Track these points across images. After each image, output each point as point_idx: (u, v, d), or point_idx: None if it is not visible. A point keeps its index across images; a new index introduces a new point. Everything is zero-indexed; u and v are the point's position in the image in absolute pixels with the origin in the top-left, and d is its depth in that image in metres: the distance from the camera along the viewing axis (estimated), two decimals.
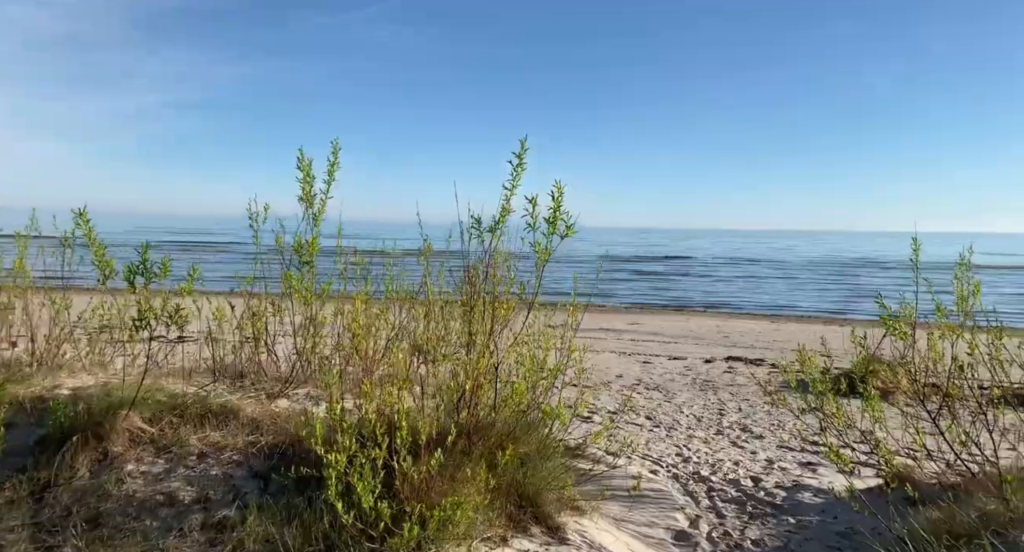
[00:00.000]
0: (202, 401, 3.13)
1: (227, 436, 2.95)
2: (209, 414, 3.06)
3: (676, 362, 10.21)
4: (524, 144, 3.26)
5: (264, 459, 2.84)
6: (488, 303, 2.96)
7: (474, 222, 3.17)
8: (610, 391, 7.91)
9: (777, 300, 25.13)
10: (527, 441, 2.90)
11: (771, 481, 4.42)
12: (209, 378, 3.84)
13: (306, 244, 3.57)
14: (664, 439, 5.71)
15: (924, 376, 3.49)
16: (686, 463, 4.93)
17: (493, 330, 2.85)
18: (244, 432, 3.01)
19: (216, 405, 3.14)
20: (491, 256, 3.17)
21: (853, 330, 3.91)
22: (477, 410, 2.74)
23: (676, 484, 4.37)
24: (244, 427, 3.05)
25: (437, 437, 2.51)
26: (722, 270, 41.37)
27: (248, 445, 2.89)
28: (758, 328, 15.41)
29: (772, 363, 10.10)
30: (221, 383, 3.76)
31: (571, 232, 3.23)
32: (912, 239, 3.44)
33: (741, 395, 7.74)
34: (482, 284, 3.01)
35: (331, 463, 2.09)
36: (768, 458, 5.10)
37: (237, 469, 2.75)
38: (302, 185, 3.86)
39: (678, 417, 6.58)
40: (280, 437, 3.01)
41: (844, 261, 52.25)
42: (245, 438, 2.94)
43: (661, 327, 14.91)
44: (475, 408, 2.73)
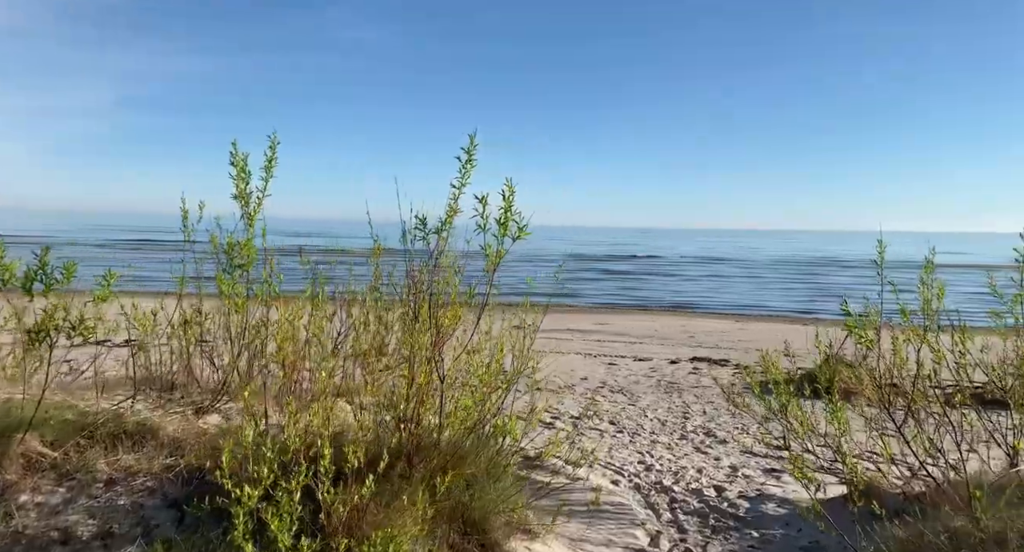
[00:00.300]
0: (116, 419, 2.83)
1: (142, 459, 2.66)
2: (123, 434, 2.77)
3: (642, 363, 10.12)
4: (473, 140, 3.04)
5: (182, 485, 2.56)
6: (432, 310, 2.73)
7: (418, 222, 2.93)
8: (574, 394, 7.75)
9: (743, 299, 25.41)
10: (475, 460, 2.68)
11: (735, 490, 4.29)
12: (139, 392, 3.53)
13: (237, 245, 3.29)
14: (627, 445, 5.56)
15: (889, 380, 3.38)
16: (648, 471, 4.78)
17: (438, 340, 2.62)
18: (162, 454, 2.72)
19: (133, 423, 2.85)
20: (437, 259, 2.93)
21: (817, 334, 3.78)
22: (418, 429, 2.51)
23: (638, 495, 4.21)
24: (163, 448, 2.76)
25: (372, 461, 2.27)
26: (690, 269, 41.79)
27: (165, 469, 2.61)
28: (723, 327, 15.47)
29: (737, 363, 10.08)
30: (147, 397, 3.45)
31: (524, 234, 3.02)
32: (877, 241, 3.32)
33: (706, 397, 7.66)
34: (426, 290, 2.77)
35: (240, 498, 1.84)
36: (732, 464, 4.98)
37: (149, 498, 2.47)
38: (236, 182, 3.57)
39: (642, 421, 6.44)
40: (204, 459, 2.73)
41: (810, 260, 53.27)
42: (162, 461, 2.66)
43: (628, 327, 14.85)
44: (416, 427, 2.50)
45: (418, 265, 2.92)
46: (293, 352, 2.62)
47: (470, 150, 3.02)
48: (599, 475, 4.65)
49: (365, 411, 2.64)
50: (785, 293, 28.05)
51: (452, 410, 2.56)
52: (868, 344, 2.93)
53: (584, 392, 7.88)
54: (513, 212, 2.99)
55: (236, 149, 3.55)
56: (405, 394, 2.46)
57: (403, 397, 2.48)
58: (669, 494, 4.24)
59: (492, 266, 3.00)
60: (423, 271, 2.92)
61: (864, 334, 2.89)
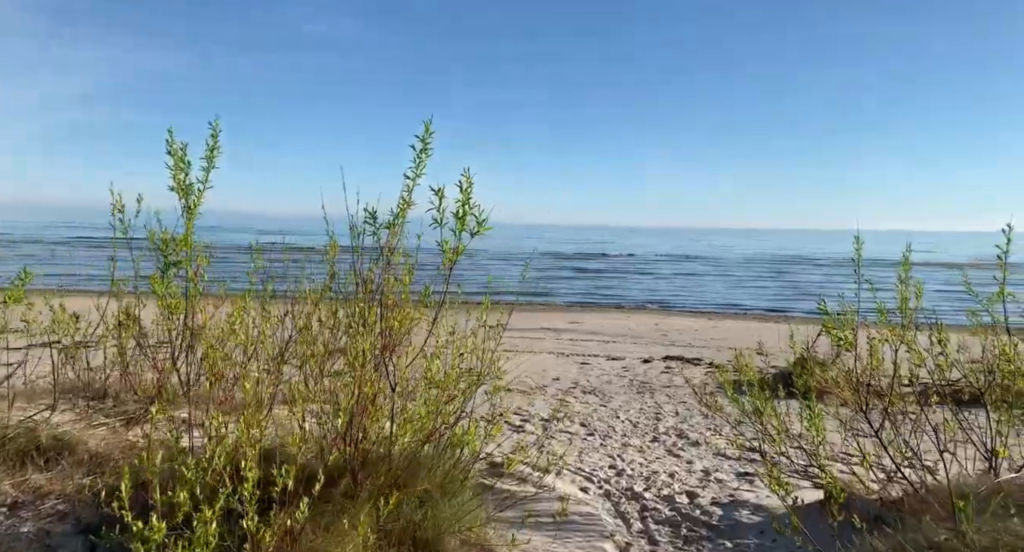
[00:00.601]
0: (29, 433, 2.55)
1: (55, 479, 2.38)
2: (36, 451, 2.48)
3: (614, 363, 9.98)
4: (429, 127, 2.81)
5: (99, 508, 2.29)
6: (382, 312, 2.50)
7: (368, 216, 2.70)
8: (546, 396, 7.56)
9: (716, 298, 25.54)
10: (430, 475, 2.47)
11: (707, 497, 4.14)
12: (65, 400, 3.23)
13: (172, 241, 3.01)
14: (598, 449, 5.39)
15: (866, 381, 3.24)
16: (619, 477, 4.60)
17: (388, 344, 2.39)
18: (80, 472, 2.45)
19: (48, 437, 2.56)
20: (389, 256, 2.70)
21: (792, 335, 3.63)
22: (365, 443, 2.28)
23: (607, 504, 4.03)
24: (81, 466, 2.49)
25: (310, 480, 2.03)
26: (664, 267, 42.00)
27: (79, 490, 2.34)
28: (696, 326, 15.46)
29: (710, 362, 10.00)
30: (74, 406, 3.15)
31: (483, 229, 2.80)
32: (854, 237, 3.18)
33: (678, 397, 7.53)
34: (375, 290, 2.54)
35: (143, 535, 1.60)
36: (704, 468, 4.83)
37: (59, 523, 2.20)
38: (173, 173, 3.29)
39: (614, 423, 6.28)
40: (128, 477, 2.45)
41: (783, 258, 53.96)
42: (78, 481, 2.39)
43: (601, 326, 14.74)
44: (362, 441, 2.27)
45: (367, 263, 2.69)
46: (223, 358, 2.37)
47: (425, 138, 2.80)
48: (568, 482, 4.46)
49: (308, 422, 2.40)
50: (758, 291, 28.31)
51: (403, 421, 2.34)
52: (847, 346, 2.79)
53: (556, 393, 7.70)
54: (472, 205, 2.77)
55: (172, 137, 3.27)
56: (348, 405, 2.23)
57: (347, 408, 2.25)
58: (640, 501, 4.06)
59: (449, 263, 2.78)
60: (372, 269, 2.69)
61: (843, 336, 2.74)
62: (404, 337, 2.53)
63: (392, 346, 2.40)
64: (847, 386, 3.37)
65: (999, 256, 2.74)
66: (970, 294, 3.54)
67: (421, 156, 2.80)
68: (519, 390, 7.86)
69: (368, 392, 2.22)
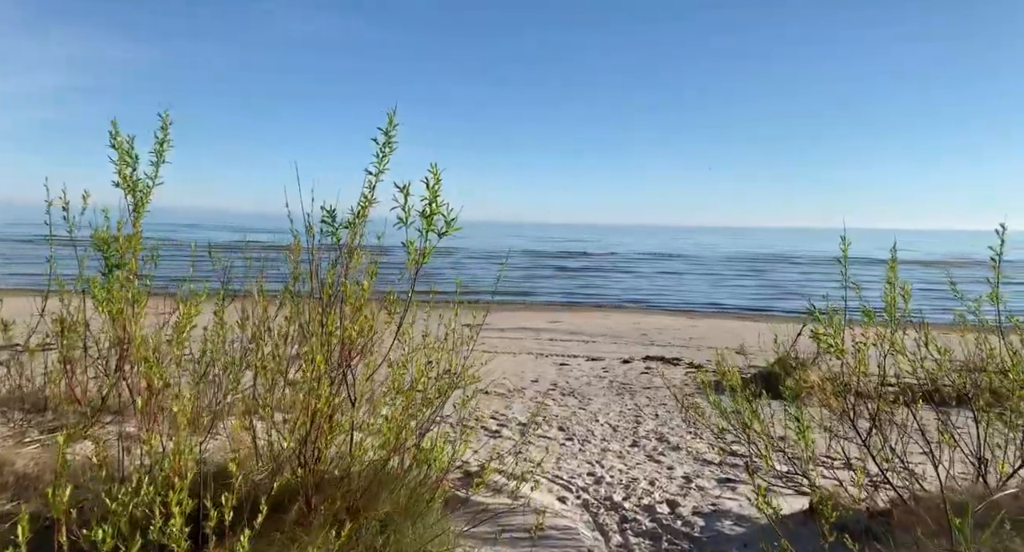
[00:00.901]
0: None
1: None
2: None
3: (594, 363, 9.85)
4: (392, 119, 2.62)
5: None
6: (341, 320, 2.30)
7: (326, 215, 2.49)
8: (524, 398, 7.40)
9: (696, 296, 25.62)
10: (393, 496, 2.27)
11: (689, 505, 3.99)
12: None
13: (113, 240, 2.78)
14: (577, 455, 5.23)
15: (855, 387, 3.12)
16: (598, 485, 4.45)
17: (345, 354, 2.20)
18: (3, 497, 2.21)
19: None
20: (348, 258, 2.50)
21: (776, 339, 3.48)
22: (319, 464, 2.09)
23: (586, 515, 3.86)
24: (5, 490, 2.25)
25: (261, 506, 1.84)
26: (644, 266, 42.11)
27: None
28: (676, 325, 15.41)
29: (690, 362, 9.93)
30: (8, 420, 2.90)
31: (452, 229, 2.62)
32: (840, 237, 3.05)
33: (658, 399, 7.42)
34: (333, 295, 2.33)
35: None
36: (685, 474, 4.70)
37: None
38: (118, 167, 3.05)
39: (593, 427, 6.13)
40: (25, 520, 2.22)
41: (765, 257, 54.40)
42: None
43: (581, 325, 14.62)
44: (316, 462, 2.08)
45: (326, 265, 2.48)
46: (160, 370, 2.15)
47: (388, 131, 2.60)
48: (545, 491, 4.30)
49: (261, 437, 2.20)
50: (738, 290, 28.47)
51: (360, 439, 2.14)
52: (838, 353, 2.65)
53: (534, 396, 7.54)
54: (440, 204, 2.58)
55: (117, 129, 3.03)
56: (299, 422, 2.03)
57: (301, 425, 2.05)
58: (619, 512, 3.91)
59: (415, 265, 2.59)
60: (331, 273, 2.48)
61: (834, 343, 2.61)
62: (365, 345, 2.33)
63: (351, 355, 2.21)
64: (832, 391, 3.25)
65: (992, 257, 2.63)
66: (954, 294, 3.44)
67: (384, 150, 2.60)
68: (497, 393, 7.68)
69: (323, 408, 2.02)
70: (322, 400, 1.99)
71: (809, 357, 7.88)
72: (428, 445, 2.59)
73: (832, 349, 2.61)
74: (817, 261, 45.75)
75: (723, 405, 4.13)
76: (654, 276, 34.85)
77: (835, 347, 2.60)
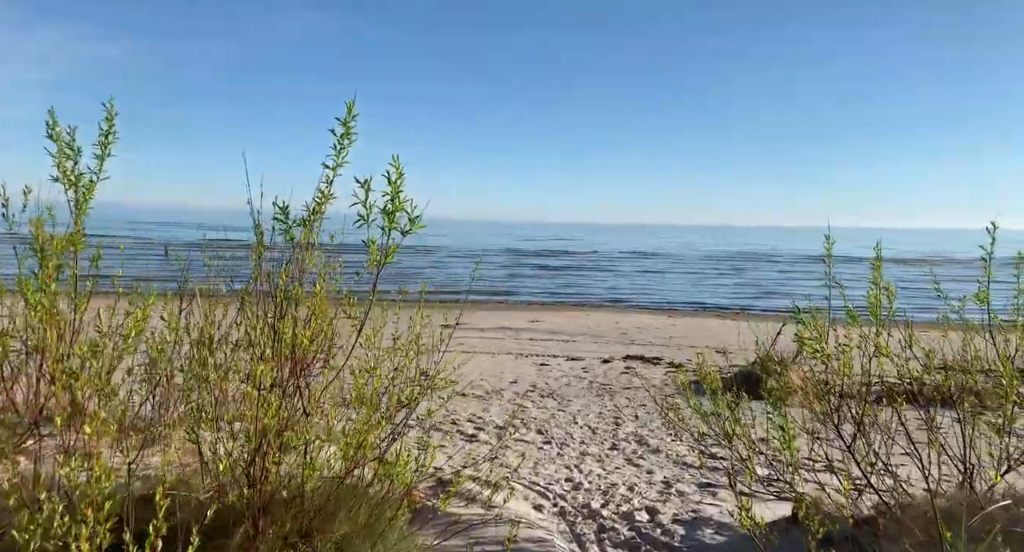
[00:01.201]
0: None
1: None
2: None
3: (574, 363, 9.73)
4: (352, 108, 2.44)
5: None
6: (294, 326, 2.12)
7: (279, 212, 2.31)
8: (502, 400, 7.24)
9: (676, 295, 25.66)
10: (351, 515, 2.10)
11: (668, 513, 3.87)
12: None
13: (51, 240, 2.56)
14: (555, 459, 5.09)
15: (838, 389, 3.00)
16: (576, 491, 4.31)
17: (296, 363, 2.02)
18: None
19: None
20: (302, 258, 2.32)
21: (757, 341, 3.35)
22: (266, 484, 1.91)
23: (563, 524, 3.72)
24: None
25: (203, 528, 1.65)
26: (625, 265, 42.17)
27: None
28: (656, 323, 15.37)
29: (670, 362, 9.85)
30: None
31: (416, 226, 2.45)
32: (824, 236, 2.94)
33: (638, 400, 7.31)
34: (282, 299, 2.15)
35: None
36: (665, 479, 4.58)
37: None
38: (57, 160, 2.83)
39: (572, 430, 5.99)
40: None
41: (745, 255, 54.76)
42: None
43: (561, 325, 14.50)
44: (263, 481, 1.90)
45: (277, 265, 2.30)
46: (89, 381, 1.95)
47: (347, 122, 2.42)
48: (521, 499, 4.14)
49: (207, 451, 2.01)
50: (718, 288, 28.60)
51: (313, 456, 1.96)
52: (824, 359, 2.53)
53: (513, 397, 7.38)
54: (403, 200, 2.41)
55: (55, 120, 2.81)
56: (248, 437, 1.85)
57: (248, 440, 1.87)
58: (597, 520, 3.77)
59: (376, 265, 2.42)
60: (284, 273, 2.30)
61: (819, 348, 2.49)
62: (318, 352, 2.16)
63: (304, 364, 2.03)
64: (815, 394, 3.13)
65: (983, 257, 2.53)
66: (937, 293, 3.36)
67: (343, 142, 2.42)
68: (474, 395, 7.52)
69: (270, 423, 1.84)
70: (269, 414, 1.82)
71: (789, 356, 7.83)
72: (392, 457, 2.42)
73: (817, 354, 2.49)
74: (797, 260, 46.21)
75: (703, 408, 4.01)
76: (634, 275, 34.90)
77: (820, 352, 2.48)
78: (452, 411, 6.59)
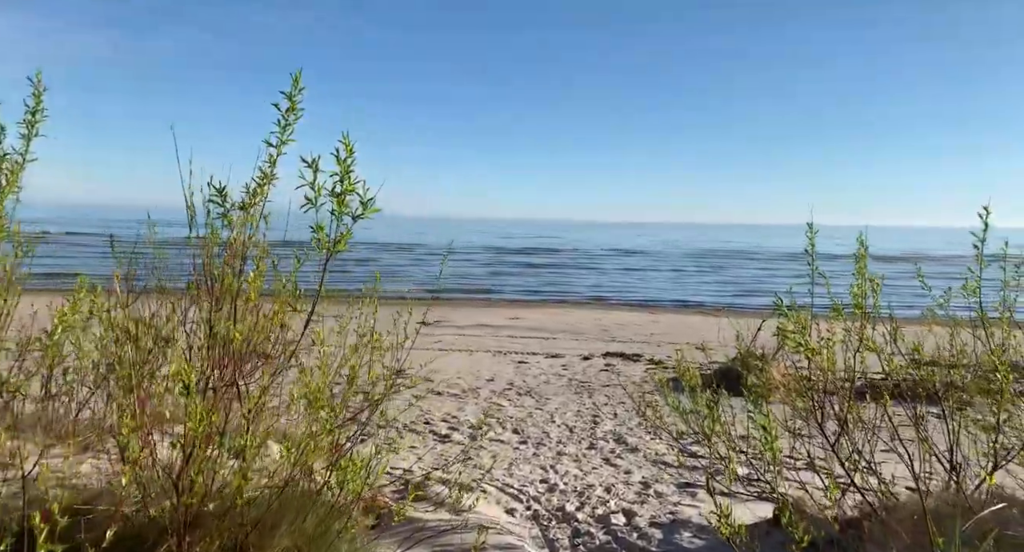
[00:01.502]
0: None
1: None
2: None
3: (553, 360, 9.57)
4: (298, 81, 2.23)
5: None
6: (233, 319, 1.91)
7: (215, 194, 2.10)
8: (478, 399, 7.05)
9: (657, 292, 25.65)
10: (293, 529, 1.90)
11: (646, 515, 3.71)
12: None
13: None
14: (530, 459, 4.91)
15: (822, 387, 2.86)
16: (551, 493, 4.13)
17: (229, 363, 1.81)
18: None
19: None
20: (246, 245, 2.11)
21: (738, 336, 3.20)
22: (191, 496, 1.70)
23: (535, 529, 3.54)
24: None
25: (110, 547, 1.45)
26: (607, 262, 42.14)
27: None
28: (637, 320, 15.27)
29: (650, 359, 9.73)
30: None
31: (370, 210, 2.25)
32: (808, 224, 2.79)
33: (617, 397, 7.16)
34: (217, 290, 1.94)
35: None
36: (643, 479, 4.42)
37: None
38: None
39: (549, 429, 5.82)
40: None
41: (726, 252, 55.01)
42: None
43: (542, 322, 14.34)
44: (189, 493, 1.69)
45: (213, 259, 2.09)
46: None
47: (292, 95, 2.21)
48: (493, 502, 3.96)
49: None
50: (699, 285, 28.64)
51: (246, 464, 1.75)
52: (809, 354, 2.38)
53: (489, 396, 7.20)
54: (355, 181, 2.21)
55: None
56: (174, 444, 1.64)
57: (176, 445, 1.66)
58: (572, 524, 3.60)
59: (325, 253, 2.22)
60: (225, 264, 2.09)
61: (803, 342, 2.33)
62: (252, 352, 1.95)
63: (236, 366, 1.82)
64: (797, 391, 2.98)
65: (975, 245, 2.40)
66: (924, 288, 3.24)
67: (288, 117, 2.22)
68: (450, 393, 7.31)
69: (194, 429, 1.64)
70: (194, 418, 1.61)
71: (770, 352, 7.73)
72: (346, 463, 2.22)
73: (802, 349, 2.33)
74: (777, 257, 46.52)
75: (683, 407, 3.86)
76: (616, 272, 34.86)
77: (805, 347, 2.33)
78: (426, 411, 6.38)
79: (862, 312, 2.77)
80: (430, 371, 8.28)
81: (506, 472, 4.59)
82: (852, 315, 2.86)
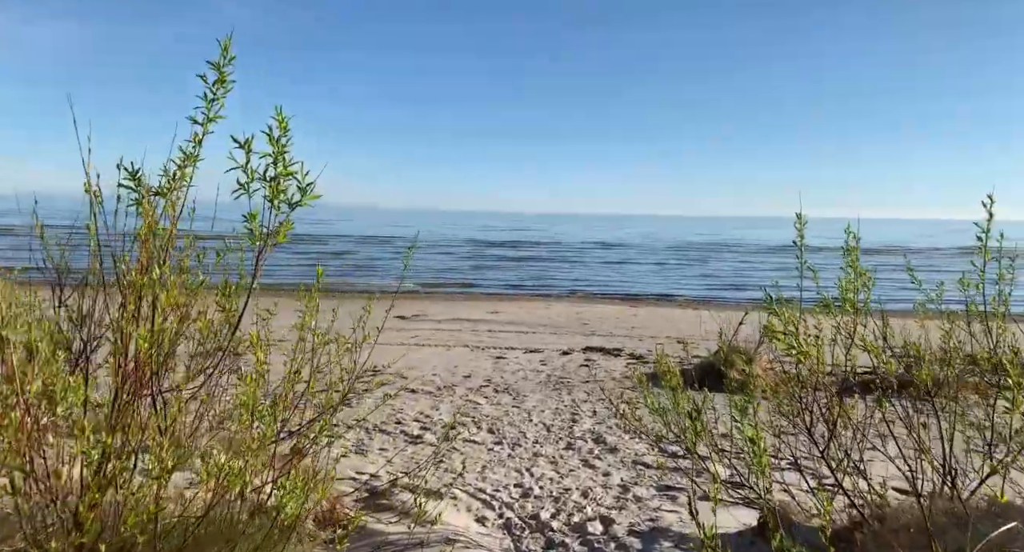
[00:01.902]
0: None
1: None
2: None
3: (532, 356, 9.35)
4: (228, 48, 1.96)
5: None
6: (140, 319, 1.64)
7: (129, 177, 1.83)
8: (454, 396, 6.81)
9: (637, 285, 25.58)
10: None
11: (624, 522, 3.51)
12: None
13: None
14: (505, 461, 4.69)
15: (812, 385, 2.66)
16: (526, 498, 3.92)
17: (131, 373, 1.55)
18: None
19: None
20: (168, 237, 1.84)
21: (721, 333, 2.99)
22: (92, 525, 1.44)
23: (507, 540, 3.32)
24: None
25: None
26: (588, 255, 42.03)
27: None
28: (617, 314, 15.13)
29: (631, 353, 9.56)
30: None
31: (310, 197, 1.99)
32: (796, 214, 2.59)
33: (597, 394, 6.96)
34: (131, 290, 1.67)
35: None
36: (622, 482, 4.23)
37: None
38: None
39: (526, 428, 5.61)
40: None
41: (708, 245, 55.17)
42: None
43: (521, 316, 14.12)
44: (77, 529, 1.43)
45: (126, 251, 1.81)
46: None
47: (220, 65, 1.94)
48: (463, 509, 3.73)
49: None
50: (680, 278, 28.64)
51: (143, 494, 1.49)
52: (800, 356, 2.18)
53: (465, 394, 6.96)
54: (290, 163, 1.95)
55: None
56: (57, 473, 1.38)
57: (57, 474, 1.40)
58: (546, 533, 3.38)
59: (259, 244, 1.96)
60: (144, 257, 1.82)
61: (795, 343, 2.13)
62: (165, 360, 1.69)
63: (141, 376, 1.56)
64: (785, 393, 2.79)
65: (978, 237, 2.21)
66: (914, 282, 3.07)
67: (215, 90, 1.94)
68: (425, 391, 7.06)
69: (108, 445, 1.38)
70: (80, 441, 1.35)
71: (752, 346, 7.59)
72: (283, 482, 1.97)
73: (792, 351, 2.13)
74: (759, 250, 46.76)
75: (663, 407, 3.66)
76: (596, 265, 34.75)
77: (796, 348, 2.13)
78: (399, 410, 6.14)
79: (853, 308, 2.57)
80: (405, 367, 8.03)
81: (479, 476, 4.36)
82: (842, 310, 2.67)
